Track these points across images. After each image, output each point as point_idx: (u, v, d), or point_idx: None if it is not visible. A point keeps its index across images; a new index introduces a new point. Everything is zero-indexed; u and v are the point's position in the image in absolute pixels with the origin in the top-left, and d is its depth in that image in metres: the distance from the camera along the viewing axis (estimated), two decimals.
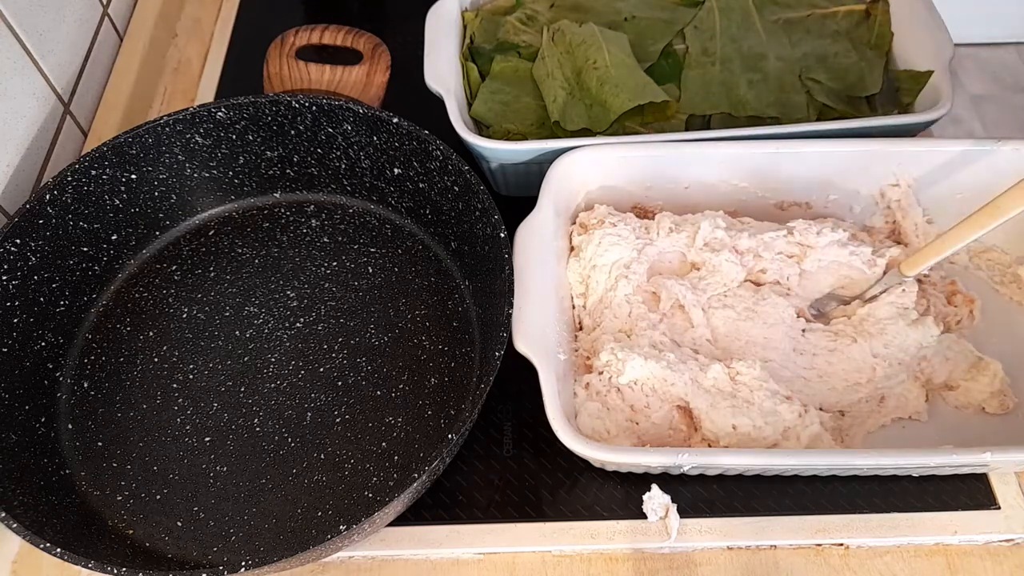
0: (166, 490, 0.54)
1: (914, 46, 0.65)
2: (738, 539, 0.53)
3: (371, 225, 0.65)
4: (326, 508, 0.53)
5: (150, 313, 0.62)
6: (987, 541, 0.53)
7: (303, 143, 0.63)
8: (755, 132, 0.59)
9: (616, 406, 0.52)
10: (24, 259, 0.56)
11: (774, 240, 0.58)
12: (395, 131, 0.60)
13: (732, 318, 0.56)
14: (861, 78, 0.65)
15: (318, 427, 0.56)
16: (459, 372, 0.58)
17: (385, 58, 0.73)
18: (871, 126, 0.59)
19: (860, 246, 0.57)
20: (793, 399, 0.52)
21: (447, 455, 0.47)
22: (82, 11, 0.73)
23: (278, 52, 0.74)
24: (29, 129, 0.65)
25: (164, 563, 0.52)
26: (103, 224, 0.61)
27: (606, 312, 0.56)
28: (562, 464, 0.55)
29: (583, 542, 0.53)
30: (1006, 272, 0.59)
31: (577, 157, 0.57)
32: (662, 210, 0.61)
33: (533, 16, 0.70)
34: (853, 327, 0.56)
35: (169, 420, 0.57)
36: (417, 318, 0.61)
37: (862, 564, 0.52)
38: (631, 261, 0.57)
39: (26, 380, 0.56)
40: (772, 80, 0.65)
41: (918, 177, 0.59)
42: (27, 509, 0.48)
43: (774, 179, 0.59)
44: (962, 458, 0.47)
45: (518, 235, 0.54)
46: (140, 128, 0.60)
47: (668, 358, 0.53)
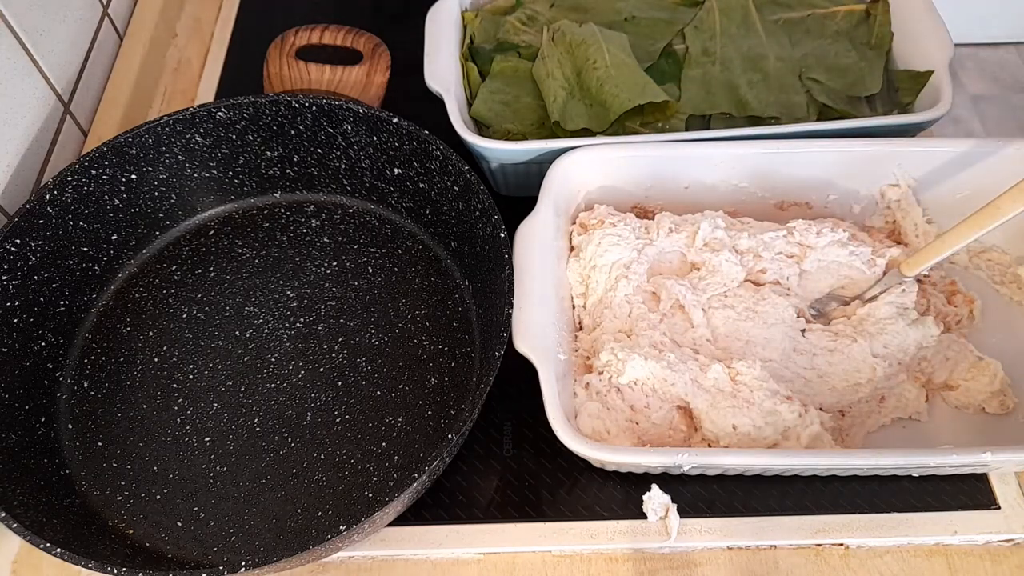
0: (166, 490, 0.54)
1: (914, 46, 0.65)
2: (738, 539, 0.53)
3: (371, 225, 0.65)
4: (326, 508, 0.53)
5: (150, 313, 0.62)
6: (987, 541, 0.53)
7: (303, 143, 0.63)
8: (755, 132, 0.59)
9: (616, 406, 0.52)
10: (24, 259, 0.56)
11: (774, 240, 0.58)
12: (395, 131, 0.60)
13: (732, 318, 0.56)
14: (861, 78, 0.65)
15: (318, 427, 0.56)
16: (459, 372, 0.58)
17: (385, 58, 0.73)
18: (871, 126, 0.59)
19: (860, 246, 0.57)
20: (793, 399, 0.52)
21: (447, 455, 0.47)
22: (82, 11, 0.73)
23: (278, 52, 0.74)
24: (29, 129, 0.65)
25: (164, 563, 0.52)
26: (103, 224, 0.61)
27: (606, 312, 0.56)
28: (562, 464, 0.55)
29: (583, 542, 0.53)
30: (1006, 272, 0.59)
31: (577, 157, 0.57)
32: (662, 210, 0.61)
33: (533, 16, 0.70)
34: (853, 327, 0.56)
35: (169, 420, 0.57)
36: (417, 318, 0.61)
37: (862, 564, 0.52)
38: (631, 261, 0.57)
39: (26, 380, 0.56)
40: (772, 80, 0.65)
41: (918, 177, 0.59)
42: (27, 509, 0.48)
43: (774, 179, 0.59)
44: (962, 458, 0.47)
45: (518, 235, 0.54)
46: (140, 128, 0.60)
47: (668, 358, 0.53)
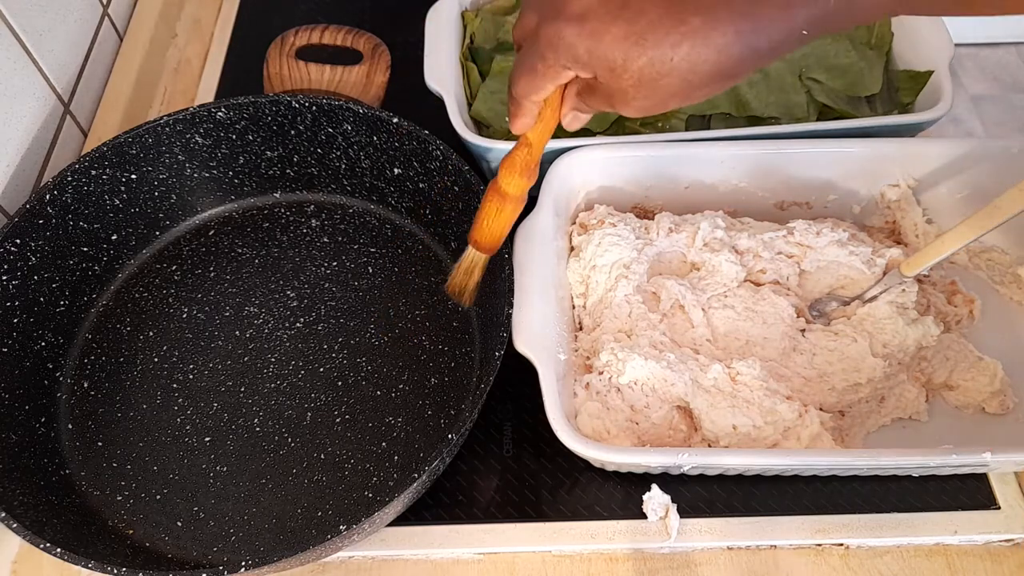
0: (166, 490, 0.54)
1: (914, 46, 0.65)
2: (738, 539, 0.53)
3: (371, 225, 0.65)
4: (326, 508, 0.53)
5: (150, 313, 0.62)
6: (987, 541, 0.53)
7: (303, 143, 0.63)
8: (755, 132, 0.59)
9: (616, 406, 0.52)
10: (24, 259, 0.56)
11: (774, 240, 0.58)
12: (395, 131, 0.60)
13: (732, 318, 0.56)
14: (861, 78, 0.65)
15: (318, 427, 0.56)
16: (459, 372, 0.58)
17: (385, 58, 0.73)
18: (871, 126, 0.59)
19: (860, 246, 0.57)
20: (793, 399, 0.52)
21: (447, 455, 0.47)
22: (82, 11, 0.73)
23: (278, 52, 0.74)
24: (29, 129, 0.65)
25: (164, 563, 0.52)
26: (103, 224, 0.61)
27: (606, 312, 0.56)
28: (562, 464, 0.55)
29: (583, 542, 0.53)
30: (1006, 272, 0.59)
31: (577, 157, 0.57)
32: (662, 210, 0.61)
33: None
34: (853, 327, 0.56)
35: (169, 420, 0.57)
36: (417, 318, 0.61)
37: (862, 564, 0.52)
38: (631, 261, 0.57)
39: (26, 380, 0.56)
40: (772, 80, 0.65)
41: (918, 177, 0.59)
42: (27, 509, 0.48)
43: (774, 179, 0.59)
44: (962, 458, 0.47)
45: (518, 235, 0.54)
46: (140, 128, 0.60)
47: (668, 358, 0.53)
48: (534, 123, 0.45)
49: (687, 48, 0.36)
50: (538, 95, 0.42)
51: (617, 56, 0.37)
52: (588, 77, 0.40)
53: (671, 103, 0.39)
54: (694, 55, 0.36)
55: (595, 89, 0.40)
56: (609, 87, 0.39)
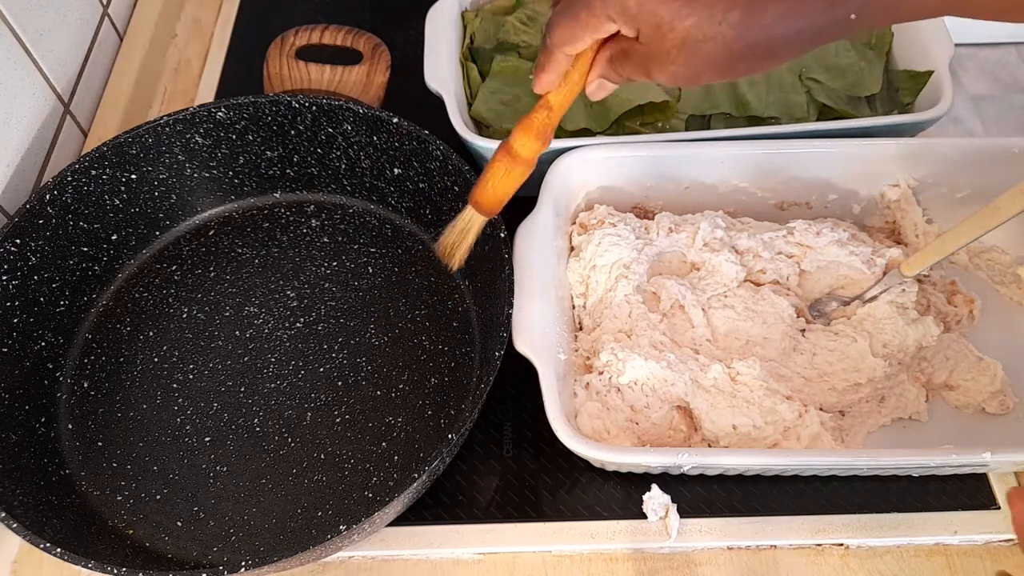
0: (166, 490, 0.54)
1: (914, 46, 0.65)
2: (738, 539, 0.53)
3: (371, 225, 0.65)
4: (326, 508, 0.53)
5: (150, 313, 0.62)
6: (987, 541, 0.53)
7: (303, 143, 0.63)
8: (755, 132, 0.59)
9: (616, 406, 0.52)
10: (24, 259, 0.56)
11: (774, 240, 0.58)
12: (395, 131, 0.60)
13: (732, 318, 0.56)
14: (861, 78, 0.65)
15: (318, 427, 0.56)
16: (459, 372, 0.58)
17: (385, 58, 0.73)
18: (871, 126, 0.59)
19: (860, 246, 0.57)
20: (793, 399, 0.52)
21: (447, 455, 0.47)
22: (82, 11, 0.73)
23: (278, 52, 0.74)
24: (29, 129, 0.65)
25: (164, 563, 0.52)
26: (103, 224, 0.61)
27: (606, 312, 0.56)
28: (562, 464, 0.55)
29: (583, 542, 0.53)
30: (1006, 272, 0.59)
31: (577, 157, 0.57)
32: (662, 210, 0.61)
33: (533, 16, 0.70)
34: (853, 327, 0.56)
35: (169, 420, 0.57)
36: (417, 318, 0.61)
37: (862, 564, 0.52)
38: (631, 261, 0.57)
39: (26, 380, 0.56)
40: (772, 80, 0.65)
41: (918, 177, 0.59)
42: (27, 509, 0.48)
43: (774, 179, 0.59)
44: (962, 458, 0.47)
45: (518, 235, 0.54)
46: (140, 128, 0.60)
47: (668, 358, 0.53)
48: (559, 82, 0.43)
49: (737, 15, 0.36)
50: (573, 47, 0.41)
51: (666, 13, 0.36)
52: (630, 36, 0.39)
53: (705, 75, 0.38)
54: (743, 24, 0.36)
55: (631, 54, 0.39)
56: (649, 48, 0.38)
